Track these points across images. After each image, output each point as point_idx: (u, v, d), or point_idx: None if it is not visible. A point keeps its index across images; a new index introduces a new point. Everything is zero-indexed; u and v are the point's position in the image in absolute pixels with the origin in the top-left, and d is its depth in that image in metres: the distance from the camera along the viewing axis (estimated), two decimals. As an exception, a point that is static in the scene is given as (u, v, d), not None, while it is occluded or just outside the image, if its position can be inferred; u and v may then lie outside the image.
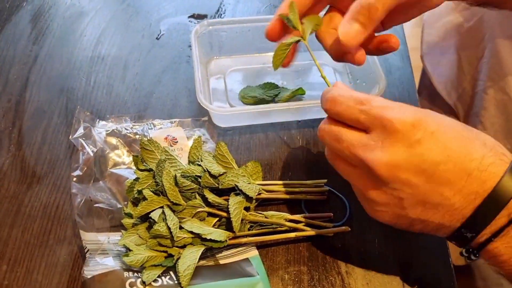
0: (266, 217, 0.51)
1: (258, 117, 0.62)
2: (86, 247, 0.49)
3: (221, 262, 0.49)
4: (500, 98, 0.68)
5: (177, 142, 0.59)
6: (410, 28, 0.76)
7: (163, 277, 0.46)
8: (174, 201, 0.49)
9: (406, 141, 0.37)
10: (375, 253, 0.52)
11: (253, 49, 0.68)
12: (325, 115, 0.42)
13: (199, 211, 0.50)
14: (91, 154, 0.56)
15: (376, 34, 0.49)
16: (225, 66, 0.68)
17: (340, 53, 0.48)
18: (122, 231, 0.50)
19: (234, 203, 0.49)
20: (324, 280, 0.50)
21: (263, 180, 0.54)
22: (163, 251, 0.48)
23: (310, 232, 0.51)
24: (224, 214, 0.50)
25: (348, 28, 0.44)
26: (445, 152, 0.37)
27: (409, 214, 0.40)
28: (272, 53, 0.49)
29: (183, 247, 0.48)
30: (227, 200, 0.50)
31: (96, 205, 0.53)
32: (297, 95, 0.63)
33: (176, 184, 0.50)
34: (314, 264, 0.51)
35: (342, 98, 0.40)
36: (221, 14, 0.76)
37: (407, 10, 0.47)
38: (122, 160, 0.58)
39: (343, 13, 0.48)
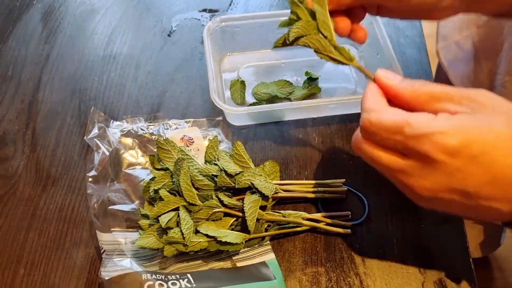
0: (283, 216, 0.50)
1: (272, 116, 0.61)
2: (102, 248, 0.49)
3: (238, 264, 0.48)
4: (519, 92, 0.67)
5: (193, 142, 0.59)
6: (426, 30, 0.75)
7: (181, 280, 0.45)
8: (191, 202, 0.49)
9: (445, 170, 0.36)
10: (394, 254, 0.51)
11: (267, 45, 0.67)
12: (339, 113, 0.41)
13: (215, 211, 0.50)
14: (107, 153, 0.56)
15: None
16: (238, 63, 0.67)
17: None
18: (140, 231, 0.50)
19: (249, 202, 0.49)
20: (342, 281, 0.49)
21: (280, 180, 0.53)
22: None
23: (327, 227, 0.51)
24: (240, 214, 0.50)
25: None
26: (489, 173, 0.35)
27: (455, 211, 0.39)
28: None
29: (199, 251, 0.47)
30: (243, 200, 0.50)
31: (111, 207, 0.52)
32: (312, 93, 0.62)
33: (193, 184, 0.50)
34: (332, 265, 0.50)
35: (374, 128, 0.38)
36: (232, 9, 0.75)
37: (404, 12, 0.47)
38: (137, 161, 0.57)
39: None
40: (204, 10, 0.75)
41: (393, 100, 0.40)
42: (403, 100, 0.39)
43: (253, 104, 0.62)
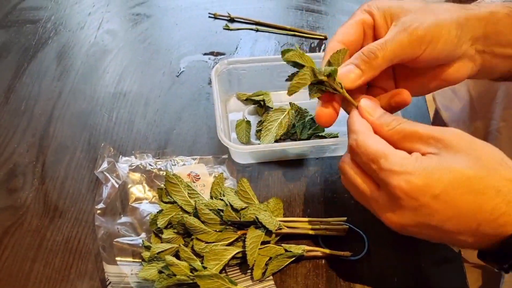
0: (286, 250, 0.51)
1: (276, 155, 0.63)
2: (108, 280, 0.50)
3: (241, 296, 0.49)
4: (514, 137, 0.69)
5: (199, 178, 0.60)
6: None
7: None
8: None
9: (411, 206, 0.39)
10: (395, 291, 0.52)
11: (271, 87, 0.69)
12: (340, 154, 0.43)
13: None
14: (116, 186, 0.58)
15: None
16: (244, 103, 0.69)
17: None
18: (143, 263, 0.51)
19: (252, 237, 0.50)
20: (345, 318, 0.50)
21: (283, 217, 0.55)
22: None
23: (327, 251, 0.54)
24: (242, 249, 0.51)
25: (346, 71, 0.45)
26: (452, 210, 0.39)
27: (433, 237, 0.42)
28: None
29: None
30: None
31: (117, 239, 0.53)
32: (316, 132, 0.64)
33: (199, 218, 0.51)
34: (334, 302, 0.51)
35: (358, 150, 0.42)
36: (238, 52, 0.78)
37: (421, 81, 0.50)
38: (144, 195, 0.59)
39: None
40: (211, 53, 0.78)
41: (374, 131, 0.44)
42: (381, 135, 0.43)
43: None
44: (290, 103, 0.66)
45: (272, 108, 0.66)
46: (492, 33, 0.47)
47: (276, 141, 0.64)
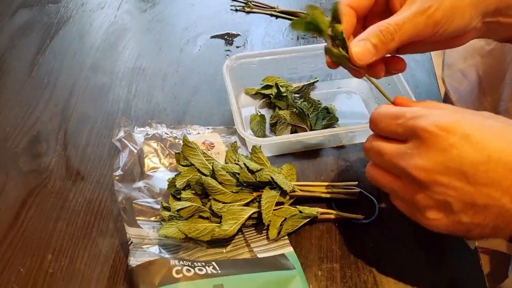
0: (300, 211, 0.53)
1: (293, 146, 0.62)
2: (130, 240, 0.52)
3: (259, 255, 0.51)
4: (523, 117, 0.70)
5: (214, 146, 0.62)
6: (435, 58, 0.80)
7: (206, 267, 0.47)
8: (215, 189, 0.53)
9: (440, 145, 0.38)
10: (406, 253, 0.53)
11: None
12: (357, 141, 0.45)
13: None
14: (135, 151, 0.59)
15: None
16: (253, 97, 0.70)
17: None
18: (162, 222, 0.53)
19: (267, 197, 0.52)
20: (357, 277, 0.51)
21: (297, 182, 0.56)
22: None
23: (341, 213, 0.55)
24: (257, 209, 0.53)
25: (360, 47, 0.45)
26: (484, 152, 0.37)
27: (462, 219, 0.40)
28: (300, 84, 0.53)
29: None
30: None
31: (136, 201, 0.55)
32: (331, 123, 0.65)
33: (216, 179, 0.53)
34: (347, 262, 0.52)
35: (381, 117, 0.43)
36: (253, 34, 0.80)
37: (425, 45, 0.51)
38: (160, 164, 0.61)
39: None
40: (227, 34, 0.80)
41: None
42: None
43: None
44: (303, 95, 0.67)
45: (284, 93, 0.66)
46: (503, 7, 0.48)
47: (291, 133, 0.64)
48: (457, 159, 0.37)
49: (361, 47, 0.45)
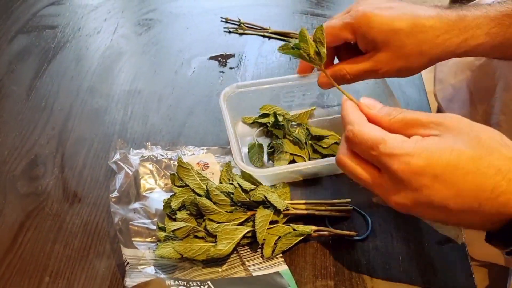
0: (294, 229, 0.54)
1: (292, 175, 0.62)
2: (126, 261, 0.52)
3: (254, 274, 0.51)
4: (514, 130, 0.71)
5: (208, 166, 0.63)
6: (426, 73, 0.81)
7: (202, 286, 0.48)
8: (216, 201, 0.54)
9: (412, 187, 0.40)
10: (399, 270, 0.53)
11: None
12: None
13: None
14: (130, 173, 0.60)
15: None
16: (250, 126, 0.69)
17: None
18: (158, 243, 0.53)
19: (261, 216, 0.53)
20: (351, 294, 0.52)
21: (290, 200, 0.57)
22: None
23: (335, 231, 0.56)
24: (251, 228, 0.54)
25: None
26: (452, 190, 0.39)
27: (439, 217, 0.43)
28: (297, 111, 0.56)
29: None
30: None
31: (132, 222, 0.56)
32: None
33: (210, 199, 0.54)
34: (341, 279, 0.53)
35: (357, 139, 0.43)
36: (246, 55, 0.82)
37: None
38: (155, 185, 0.61)
39: None
40: (221, 55, 0.82)
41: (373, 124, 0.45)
42: (382, 126, 0.44)
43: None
44: (299, 123, 0.68)
45: (281, 121, 0.66)
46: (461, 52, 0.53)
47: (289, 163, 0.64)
48: (429, 197, 0.40)
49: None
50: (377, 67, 0.54)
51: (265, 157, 0.65)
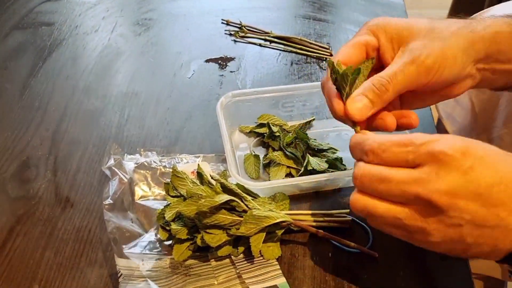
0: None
1: (289, 189, 0.60)
2: (120, 272, 0.50)
3: (251, 287, 0.50)
4: (517, 144, 0.70)
5: (203, 176, 0.61)
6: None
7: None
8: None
9: (460, 168, 0.38)
10: (400, 283, 0.52)
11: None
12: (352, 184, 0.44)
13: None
14: (125, 180, 0.59)
15: None
16: (250, 135, 0.68)
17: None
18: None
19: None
20: (351, 310, 0.50)
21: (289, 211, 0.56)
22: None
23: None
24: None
25: (356, 102, 0.46)
26: (497, 174, 0.38)
27: (466, 239, 0.40)
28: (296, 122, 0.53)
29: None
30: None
31: (126, 231, 0.54)
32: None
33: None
34: (340, 294, 0.52)
35: (384, 147, 0.41)
36: (245, 58, 0.80)
37: (424, 97, 0.51)
38: (149, 192, 0.60)
39: None
40: (221, 58, 0.80)
41: None
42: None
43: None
44: (298, 132, 0.65)
45: (276, 132, 0.65)
46: (494, 52, 0.48)
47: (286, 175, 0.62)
48: (476, 181, 0.38)
49: (357, 103, 0.46)
50: (415, 55, 0.46)
51: (261, 168, 0.63)
